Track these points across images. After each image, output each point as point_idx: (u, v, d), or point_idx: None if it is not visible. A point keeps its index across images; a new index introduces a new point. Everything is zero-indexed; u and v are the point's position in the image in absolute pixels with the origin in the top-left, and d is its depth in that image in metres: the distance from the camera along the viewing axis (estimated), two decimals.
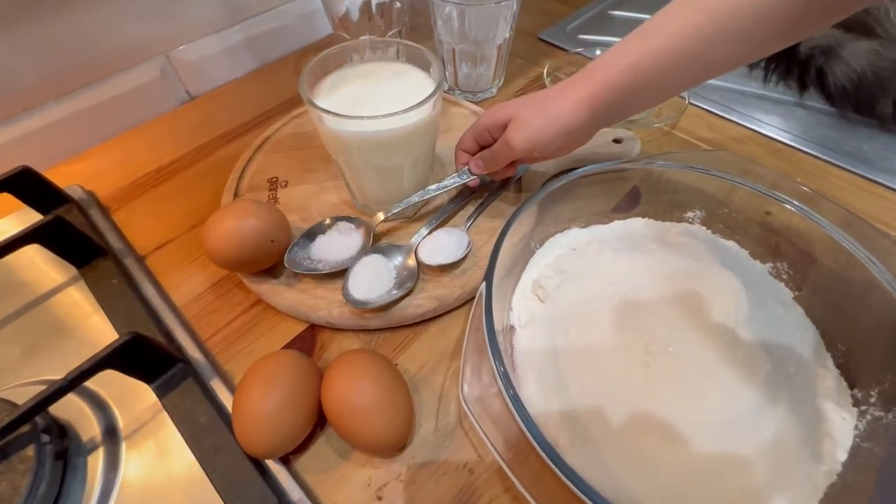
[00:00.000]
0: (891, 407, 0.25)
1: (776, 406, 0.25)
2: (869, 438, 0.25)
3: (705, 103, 0.49)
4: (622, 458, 0.24)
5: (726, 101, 0.49)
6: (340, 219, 0.34)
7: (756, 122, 0.47)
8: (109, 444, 0.26)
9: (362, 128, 0.28)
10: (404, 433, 0.25)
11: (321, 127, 0.29)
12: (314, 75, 0.30)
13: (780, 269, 0.32)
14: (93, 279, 0.33)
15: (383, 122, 0.27)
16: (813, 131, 0.46)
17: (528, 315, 0.30)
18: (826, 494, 0.23)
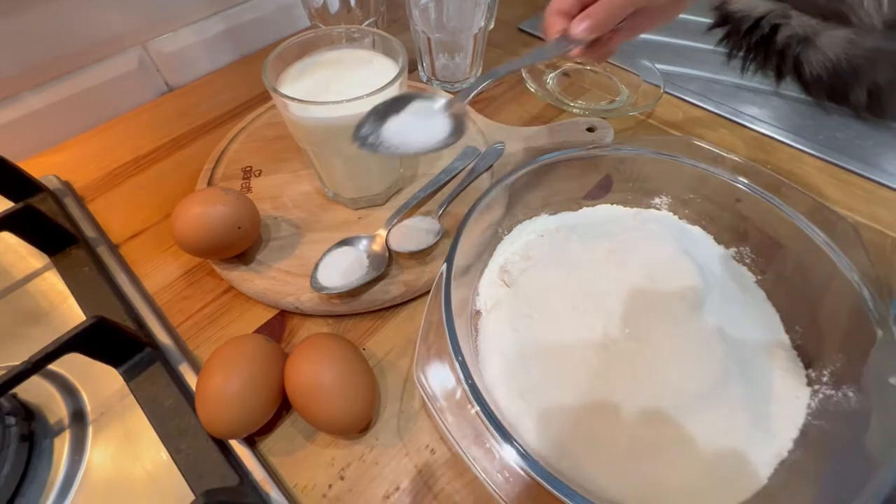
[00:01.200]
0: (840, 385, 0.25)
1: (731, 385, 0.25)
2: (819, 416, 0.25)
3: (681, 92, 0.49)
4: (581, 438, 0.25)
5: (703, 90, 0.50)
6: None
7: (731, 111, 0.47)
8: (76, 426, 0.27)
9: (325, 114, 0.28)
10: (365, 414, 0.26)
11: (286, 115, 0.29)
12: (279, 64, 0.30)
13: (744, 253, 0.32)
14: (65, 267, 0.34)
15: (345, 107, 0.27)
16: (788, 120, 0.47)
17: (494, 300, 0.31)
18: (776, 471, 0.24)
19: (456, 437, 0.22)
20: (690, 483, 0.24)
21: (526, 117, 0.47)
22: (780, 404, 0.26)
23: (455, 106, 0.30)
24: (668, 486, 0.24)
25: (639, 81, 0.48)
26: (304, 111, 0.28)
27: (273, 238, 0.35)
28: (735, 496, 0.23)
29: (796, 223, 0.30)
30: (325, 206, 0.37)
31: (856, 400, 0.24)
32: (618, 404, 0.25)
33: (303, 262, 0.33)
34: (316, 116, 0.28)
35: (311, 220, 0.36)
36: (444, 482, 0.26)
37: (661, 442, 0.24)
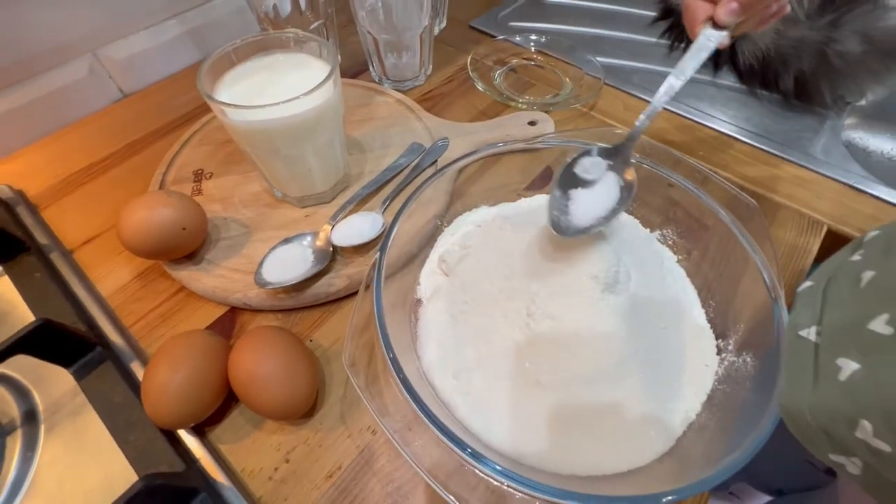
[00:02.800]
0: (741, 353, 0.27)
1: (644, 357, 0.27)
2: (724, 381, 0.27)
3: (623, 84, 0.51)
4: (509, 412, 0.27)
5: (644, 82, 0.52)
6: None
7: (671, 102, 0.49)
8: (28, 426, 0.28)
9: (260, 117, 0.29)
10: (306, 399, 0.27)
11: (224, 120, 0.30)
12: (216, 70, 0.31)
13: (667, 235, 0.35)
14: (17, 274, 0.34)
15: (278, 109, 0.29)
16: (723, 108, 0.49)
17: (433, 288, 0.33)
18: (685, 432, 0.26)
19: (389, 424, 0.24)
20: (607, 446, 0.26)
21: (474, 113, 0.48)
22: (691, 372, 0.28)
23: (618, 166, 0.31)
24: (587, 450, 0.26)
25: (582, 74, 0.50)
26: (240, 115, 0.29)
27: (223, 238, 0.36)
28: (648, 456, 0.25)
29: (711, 208, 0.32)
30: (274, 205, 0.38)
31: (752, 364, 0.26)
32: (541, 379, 0.27)
33: (250, 260, 0.34)
34: (251, 119, 0.30)
35: (260, 219, 0.37)
36: (384, 460, 0.28)
37: (580, 411, 0.26)
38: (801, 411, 0.18)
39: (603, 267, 0.28)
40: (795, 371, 0.19)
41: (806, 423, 0.18)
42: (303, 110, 0.30)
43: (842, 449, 0.17)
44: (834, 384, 0.17)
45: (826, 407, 0.17)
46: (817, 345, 0.19)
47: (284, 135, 0.31)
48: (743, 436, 0.23)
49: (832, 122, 0.47)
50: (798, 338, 0.20)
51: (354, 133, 0.43)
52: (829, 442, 0.17)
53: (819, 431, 0.18)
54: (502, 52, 0.54)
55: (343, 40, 0.55)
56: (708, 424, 0.26)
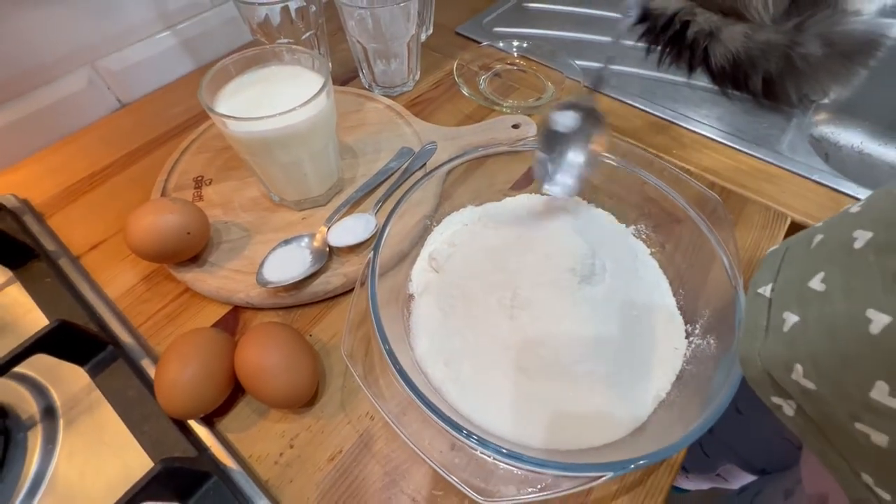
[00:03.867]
0: (706, 335, 0.30)
1: (618, 342, 0.30)
2: (691, 362, 0.30)
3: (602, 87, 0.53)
4: (495, 396, 0.29)
5: (623, 84, 0.54)
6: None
7: (647, 104, 0.52)
8: (47, 421, 0.30)
9: (259, 127, 0.31)
10: (308, 388, 0.30)
11: (224, 130, 0.32)
12: (216, 82, 0.33)
13: (641, 230, 0.37)
14: (28, 279, 0.36)
15: (276, 120, 0.31)
16: (697, 109, 0.52)
17: (423, 284, 0.35)
18: (655, 410, 0.29)
19: (386, 410, 0.26)
20: (585, 423, 0.28)
21: (460, 117, 0.50)
22: (661, 355, 0.30)
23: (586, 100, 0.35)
24: (567, 427, 0.28)
25: (563, 78, 0.53)
26: (240, 126, 0.31)
27: (224, 241, 0.38)
28: (622, 430, 0.28)
29: (678, 203, 0.34)
30: (272, 209, 0.40)
31: (715, 346, 0.29)
32: (522, 364, 0.29)
33: (251, 261, 0.36)
34: (250, 130, 0.32)
35: (259, 222, 0.39)
36: (382, 443, 0.30)
37: (560, 392, 0.29)
38: (754, 359, 0.21)
39: (579, 260, 0.30)
40: (751, 324, 0.22)
41: (757, 369, 0.21)
42: (298, 120, 0.32)
43: (781, 391, 0.20)
44: (779, 334, 0.20)
45: (772, 354, 0.20)
46: (770, 300, 0.22)
47: (282, 143, 0.33)
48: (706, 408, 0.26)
49: (798, 120, 0.50)
50: (756, 295, 0.23)
51: (347, 138, 0.45)
52: (772, 385, 0.20)
53: (765, 375, 0.20)
54: (487, 58, 0.56)
55: (333, 48, 0.57)
56: (676, 401, 0.29)
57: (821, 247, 0.21)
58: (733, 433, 0.59)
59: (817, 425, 0.19)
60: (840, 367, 0.17)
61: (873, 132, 0.60)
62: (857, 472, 0.18)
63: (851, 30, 0.46)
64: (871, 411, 0.16)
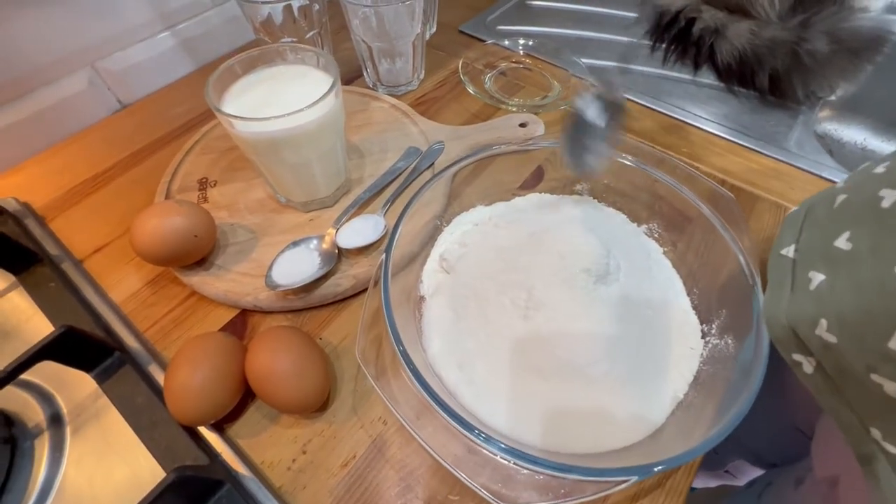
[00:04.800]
0: (723, 335, 0.30)
1: (633, 342, 0.30)
2: (708, 362, 0.30)
3: None
4: (509, 398, 0.29)
5: (628, 82, 0.54)
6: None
7: (653, 101, 0.52)
8: (54, 428, 0.29)
9: (266, 128, 0.31)
10: (319, 393, 0.29)
11: (231, 131, 0.32)
12: (221, 83, 0.33)
13: (653, 228, 0.37)
14: (31, 284, 0.35)
15: (284, 121, 0.30)
16: (704, 106, 0.52)
17: (434, 286, 0.34)
18: (673, 412, 0.28)
19: (400, 412, 0.26)
20: (603, 426, 0.28)
21: (466, 116, 0.50)
22: (678, 356, 0.30)
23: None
24: (584, 430, 0.28)
25: (568, 76, 0.53)
26: (247, 127, 0.31)
27: (231, 243, 0.37)
28: (640, 433, 0.27)
29: (691, 201, 0.34)
30: (279, 210, 0.39)
31: (733, 346, 0.28)
32: (537, 366, 0.29)
33: (259, 263, 0.36)
34: (258, 131, 0.31)
35: (266, 224, 0.38)
36: (395, 448, 0.29)
37: (576, 394, 0.28)
38: (779, 317, 0.21)
39: (594, 260, 0.30)
40: (776, 284, 0.22)
41: (782, 327, 0.21)
42: (307, 121, 0.31)
43: (803, 348, 0.20)
44: (806, 293, 0.20)
45: (798, 311, 0.20)
46: (794, 260, 0.22)
47: (290, 144, 0.32)
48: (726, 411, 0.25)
49: (805, 117, 0.50)
50: (779, 256, 0.23)
51: (353, 138, 0.45)
52: (796, 342, 0.20)
53: (790, 332, 0.20)
54: (492, 56, 0.56)
55: (336, 47, 0.57)
56: (694, 402, 0.28)
57: (845, 206, 0.21)
58: (743, 428, 0.59)
59: (834, 382, 0.19)
60: (863, 321, 0.17)
61: (876, 128, 0.60)
62: (867, 427, 0.18)
63: (859, 26, 0.46)
64: (888, 361, 0.16)
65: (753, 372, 0.25)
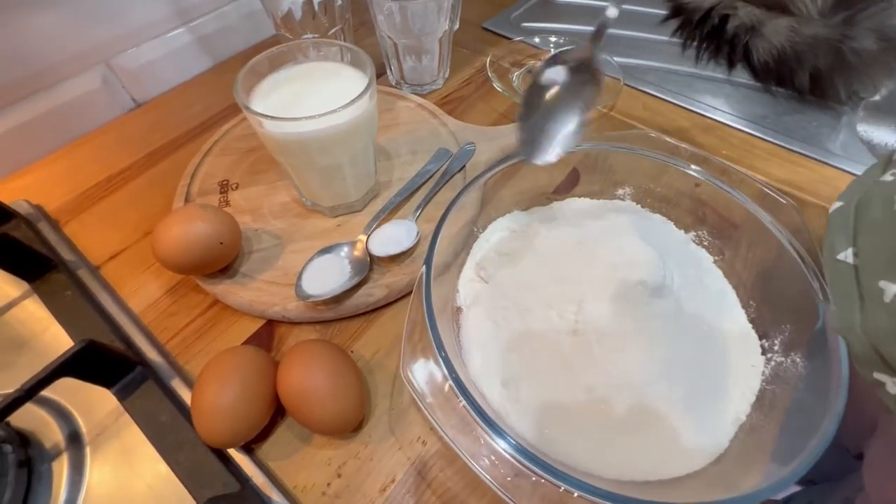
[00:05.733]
0: (789, 353, 0.28)
1: (691, 360, 0.28)
2: (772, 382, 0.28)
3: (641, 84, 0.51)
4: (558, 419, 0.27)
5: (661, 81, 0.52)
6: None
7: (688, 101, 0.50)
8: (73, 449, 0.27)
9: (298, 128, 0.29)
10: (356, 413, 0.27)
11: (260, 130, 0.30)
12: (250, 80, 0.31)
13: (702, 236, 0.35)
14: (46, 292, 0.34)
15: (317, 121, 0.28)
16: (740, 106, 0.50)
17: (472, 296, 0.32)
18: (736, 434, 0.26)
19: (445, 430, 0.24)
20: (661, 451, 0.26)
21: (494, 116, 0.48)
22: (737, 374, 0.28)
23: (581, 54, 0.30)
24: (641, 455, 0.26)
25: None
26: (277, 127, 0.29)
27: (255, 250, 0.35)
28: (702, 459, 0.25)
29: (747, 207, 0.32)
30: (304, 215, 0.37)
31: (802, 364, 0.27)
32: (589, 385, 0.27)
33: (286, 271, 0.34)
34: (288, 131, 0.29)
35: (292, 230, 0.36)
36: (437, 471, 0.28)
37: (631, 416, 0.26)
38: (853, 331, 0.19)
39: (650, 271, 0.28)
40: (841, 294, 0.20)
41: (861, 344, 0.19)
42: (341, 121, 0.29)
43: (887, 367, 0.18)
44: (880, 305, 0.18)
45: (877, 327, 0.18)
46: (856, 267, 0.20)
47: (321, 145, 0.30)
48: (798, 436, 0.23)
49: (848, 118, 0.48)
50: (836, 261, 0.21)
51: (380, 139, 0.43)
52: (877, 359, 0.18)
53: (871, 350, 0.19)
54: (518, 54, 0.54)
55: (357, 43, 0.54)
56: (759, 426, 0.26)
57: None
58: None
59: None
60: None
61: None
62: None
63: None
64: None
65: (832, 395, 0.23)
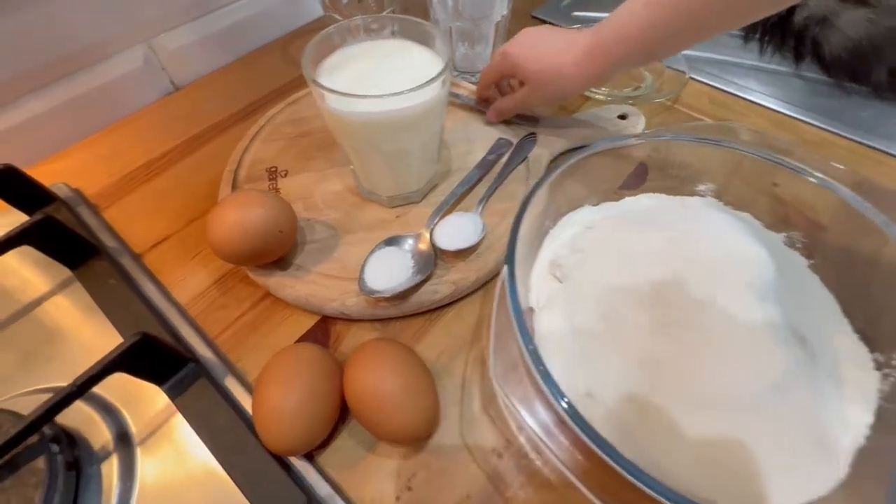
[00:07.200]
0: None
1: (798, 375, 0.25)
2: (893, 399, 0.25)
3: (704, 76, 0.48)
4: (654, 434, 0.24)
5: (724, 73, 0.49)
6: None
7: (756, 94, 0.47)
8: (122, 450, 0.25)
9: (371, 108, 0.26)
10: (432, 422, 0.25)
11: (325, 109, 0.28)
12: (316, 55, 0.29)
13: (794, 238, 0.32)
14: (89, 280, 0.32)
15: (392, 101, 0.26)
16: (811, 101, 0.47)
17: (546, 296, 0.30)
18: (855, 458, 0.24)
19: (552, 447, 0.21)
20: (774, 475, 0.23)
21: (552, 106, 0.45)
22: (850, 391, 0.25)
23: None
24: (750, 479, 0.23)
25: (662, 67, 0.48)
26: (348, 105, 0.27)
27: (309, 241, 0.33)
28: (821, 486, 0.23)
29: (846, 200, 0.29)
30: (359, 204, 0.35)
31: None
32: (690, 396, 0.24)
33: (344, 264, 0.32)
34: (360, 111, 0.27)
35: (347, 220, 0.34)
36: (516, 487, 0.25)
37: (736, 434, 0.24)
38: None
39: (759, 273, 0.25)
40: None
41: None
42: (416, 102, 0.27)
43: None
44: None
45: None
46: None
47: (391, 128, 0.28)
48: None
49: None
50: None
51: None
52: None
53: None
54: None
55: None
56: (882, 448, 0.24)
57: None
58: None
59: None
60: None
61: None
62: None
63: None
64: None
65: None
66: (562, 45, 0.34)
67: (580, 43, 0.33)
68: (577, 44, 0.33)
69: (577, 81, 0.34)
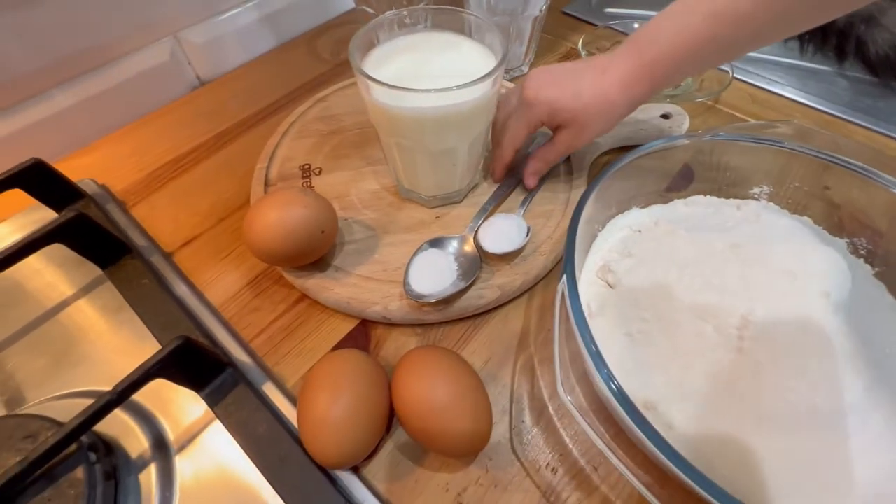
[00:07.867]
0: None
1: (880, 392, 0.23)
2: None
3: (746, 76, 0.47)
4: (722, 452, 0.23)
5: (766, 72, 0.47)
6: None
7: (800, 94, 0.45)
8: (161, 458, 0.24)
9: (421, 103, 0.25)
10: (487, 434, 0.23)
11: (372, 102, 0.26)
12: (362, 45, 0.27)
13: (858, 244, 0.30)
14: (121, 280, 0.31)
15: (444, 96, 0.25)
16: (858, 101, 0.45)
17: (598, 302, 0.29)
18: None
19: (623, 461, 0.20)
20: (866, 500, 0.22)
21: None
22: None
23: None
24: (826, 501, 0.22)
25: None
26: (397, 100, 0.25)
27: (347, 241, 0.32)
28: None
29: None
30: (398, 204, 0.34)
31: None
32: (762, 415, 0.23)
33: (385, 266, 0.30)
34: (409, 106, 0.26)
35: (386, 220, 0.33)
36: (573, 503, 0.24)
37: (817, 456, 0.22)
38: None
39: (836, 282, 0.24)
40: None
41: None
42: (468, 99, 0.26)
43: None
44: None
45: None
46: None
47: (440, 125, 0.27)
48: None
49: None
50: None
51: None
52: None
53: None
54: (605, 40, 0.50)
55: None
56: None
57: None
58: None
59: None
60: None
61: None
62: None
63: None
64: None
65: None
66: (592, 73, 0.29)
67: (618, 65, 0.28)
68: (614, 66, 0.29)
69: (625, 108, 0.29)
